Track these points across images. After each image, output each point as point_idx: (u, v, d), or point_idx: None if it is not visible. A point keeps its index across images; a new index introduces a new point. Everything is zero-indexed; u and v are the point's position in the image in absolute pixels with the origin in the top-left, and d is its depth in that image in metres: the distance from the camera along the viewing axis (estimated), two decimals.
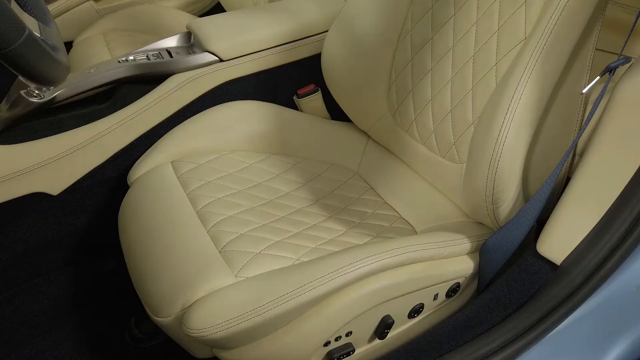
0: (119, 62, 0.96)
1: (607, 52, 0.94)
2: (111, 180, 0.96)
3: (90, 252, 1.02)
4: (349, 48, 0.94)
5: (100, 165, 0.94)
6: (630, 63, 0.67)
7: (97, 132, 0.92)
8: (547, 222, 0.69)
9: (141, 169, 0.89)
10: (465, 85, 0.81)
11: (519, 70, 0.66)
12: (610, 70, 0.66)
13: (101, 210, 0.98)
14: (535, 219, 0.72)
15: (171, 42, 1.04)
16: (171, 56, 0.99)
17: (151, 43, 1.04)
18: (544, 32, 0.65)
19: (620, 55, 0.72)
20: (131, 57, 0.97)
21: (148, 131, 0.96)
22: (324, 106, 1.10)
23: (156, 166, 0.89)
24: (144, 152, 0.94)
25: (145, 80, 0.96)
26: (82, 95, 0.94)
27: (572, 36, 0.67)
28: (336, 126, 1.06)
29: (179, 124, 0.96)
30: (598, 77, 0.68)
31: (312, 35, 1.05)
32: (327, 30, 0.98)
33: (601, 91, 0.67)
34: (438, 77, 0.85)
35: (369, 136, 1.03)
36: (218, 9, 1.60)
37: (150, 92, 0.95)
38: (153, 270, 0.71)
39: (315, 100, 1.09)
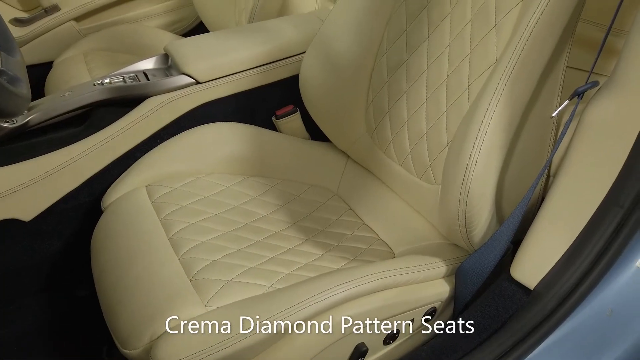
0: (95, 85, 0.95)
1: (581, 70, 0.95)
2: (86, 205, 0.95)
3: (64, 279, 1.00)
4: (326, 69, 0.94)
5: (74, 189, 0.93)
6: (599, 87, 0.67)
7: (72, 156, 0.91)
8: (521, 246, 0.69)
9: (115, 194, 0.88)
10: (439, 107, 0.81)
11: (489, 93, 0.66)
12: (578, 94, 0.66)
13: (75, 235, 0.96)
14: (508, 242, 0.71)
15: (148, 64, 1.04)
16: (148, 79, 0.99)
17: (132, 63, 1.03)
18: (512, 56, 0.66)
19: (591, 73, 0.73)
20: (107, 80, 0.97)
21: (124, 154, 0.95)
22: (303, 126, 1.10)
23: (130, 190, 0.88)
24: (120, 175, 0.93)
25: (121, 102, 0.95)
26: (57, 119, 0.93)
27: (540, 59, 0.67)
28: (315, 146, 1.06)
29: (155, 147, 0.95)
30: (567, 101, 0.68)
31: (290, 57, 1.04)
32: (304, 52, 0.98)
33: (570, 114, 0.67)
34: (413, 98, 0.85)
35: (349, 156, 1.03)
36: (201, 27, 1.60)
37: (126, 115, 0.94)
38: (122, 299, 0.70)
39: (294, 121, 1.08)
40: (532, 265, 0.67)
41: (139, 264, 0.73)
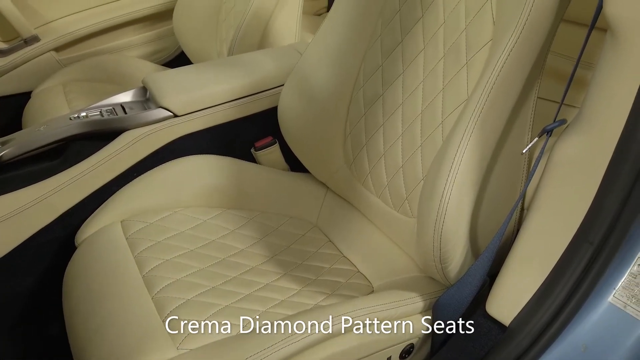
0: (70, 119, 0.95)
1: (553, 101, 0.97)
2: (60, 240, 0.93)
3: (36, 317, 0.97)
4: (304, 102, 0.95)
5: (49, 224, 0.91)
6: (566, 125, 0.69)
7: (47, 191, 0.89)
8: (495, 282, 0.69)
9: (90, 229, 0.87)
10: (414, 141, 0.81)
11: (460, 130, 0.67)
12: (547, 132, 0.67)
13: (49, 272, 0.94)
14: (484, 276, 0.71)
15: (126, 97, 1.03)
16: (125, 112, 0.99)
17: (112, 94, 1.03)
18: (482, 93, 0.67)
19: (562, 105, 0.74)
20: (83, 114, 0.96)
21: (99, 189, 0.94)
22: (283, 158, 1.10)
23: (105, 226, 0.87)
24: (95, 210, 0.92)
25: (98, 136, 0.95)
26: (32, 153, 0.92)
27: (511, 96, 0.68)
28: (294, 177, 1.06)
29: (132, 180, 0.94)
30: (536, 139, 0.69)
31: (269, 89, 1.05)
32: (283, 84, 0.99)
33: (540, 150, 0.68)
34: (389, 132, 0.86)
35: (328, 187, 1.03)
36: (182, 57, 1.61)
37: (102, 149, 0.93)
38: (92, 340, 0.68)
39: (273, 153, 1.09)
40: (506, 302, 0.67)
41: (111, 303, 0.71)
